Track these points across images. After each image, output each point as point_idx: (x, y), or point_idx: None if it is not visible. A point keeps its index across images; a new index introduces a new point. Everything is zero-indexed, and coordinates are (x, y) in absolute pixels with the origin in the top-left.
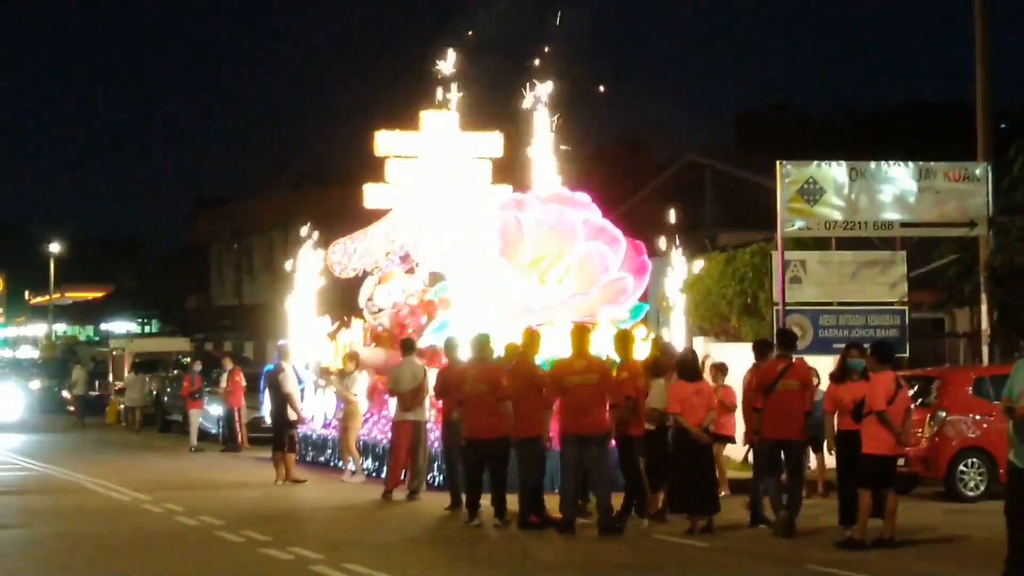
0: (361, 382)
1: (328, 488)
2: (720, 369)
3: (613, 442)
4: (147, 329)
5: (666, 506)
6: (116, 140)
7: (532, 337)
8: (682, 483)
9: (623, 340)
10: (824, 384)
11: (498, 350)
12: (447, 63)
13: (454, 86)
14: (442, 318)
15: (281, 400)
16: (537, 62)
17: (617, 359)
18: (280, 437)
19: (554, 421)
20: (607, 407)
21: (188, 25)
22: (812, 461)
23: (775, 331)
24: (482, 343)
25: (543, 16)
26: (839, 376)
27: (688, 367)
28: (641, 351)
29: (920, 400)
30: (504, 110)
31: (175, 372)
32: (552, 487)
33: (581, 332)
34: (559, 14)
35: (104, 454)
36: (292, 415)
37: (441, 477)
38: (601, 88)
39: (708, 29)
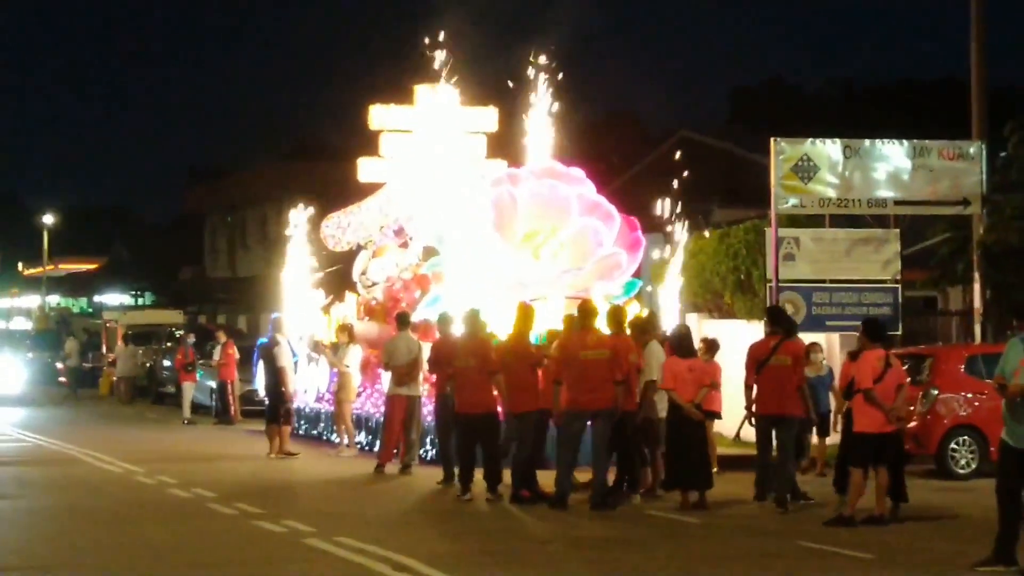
0: (354, 355)
1: (321, 462)
2: (709, 345)
3: None
4: (140, 301)
5: (656, 482)
6: (110, 110)
7: (526, 312)
8: (674, 459)
9: (615, 316)
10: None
11: (492, 324)
12: (441, 36)
13: (445, 57)
14: (436, 292)
15: (276, 373)
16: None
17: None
18: (275, 410)
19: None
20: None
21: None
22: (813, 437)
23: (766, 307)
24: (473, 317)
25: None
26: (857, 354)
27: (682, 343)
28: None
29: (913, 378)
30: (499, 83)
31: (168, 344)
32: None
33: (590, 308)
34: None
35: (97, 426)
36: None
37: (434, 451)
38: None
39: (702, 3)
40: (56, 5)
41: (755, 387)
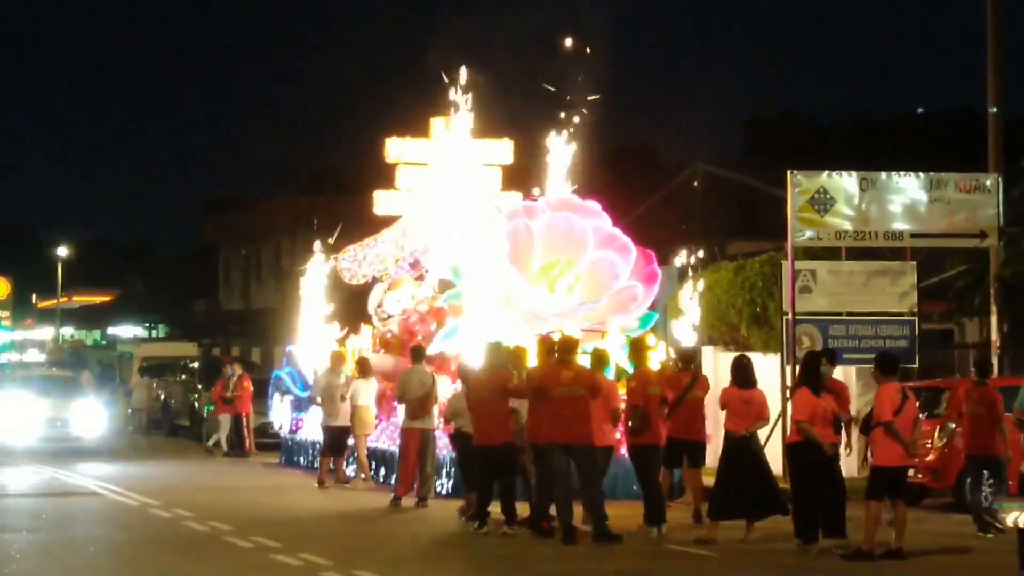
0: (369, 389)
1: (337, 495)
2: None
3: (625, 452)
4: (154, 333)
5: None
6: (124, 143)
7: (548, 345)
8: (731, 489)
9: (637, 348)
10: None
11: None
12: (458, 73)
13: (465, 87)
14: (452, 325)
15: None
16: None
17: (629, 368)
18: (334, 442)
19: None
20: (593, 418)
21: (199, 28)
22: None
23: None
24: (494, 349)
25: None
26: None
27: (741, 373)
28: (654, 360)
29: (929, 411)
30: (514, 116)
31: (183, 377)
32: (613, 495)
33: (570, 342)
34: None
35: (111, 457)
36: (345, 421)
37: (450, 484)
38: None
39: (717, 35)
40: (71, 36)
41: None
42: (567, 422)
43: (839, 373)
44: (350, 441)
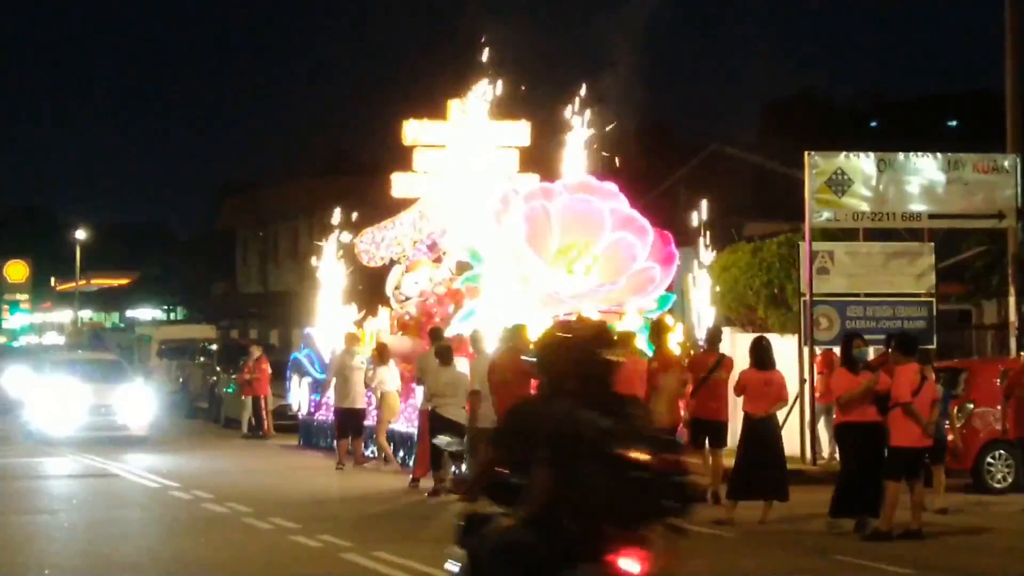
0: (392, 374)
1: (356, 476)
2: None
3: None
4: (172, 316)
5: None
6: (143, 125)
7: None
8: (750, 470)
9: (658, 330)
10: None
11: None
12: (480, 51)
13: (488, 73)
14: (469, 306)
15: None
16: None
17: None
18: (345, 424)
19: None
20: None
21: (216, 9)
22: None
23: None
24: (514, 332)
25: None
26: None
27: (760, 354)
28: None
29: (948, 391)
30: (532, 98)
31: (202, 359)
32: None
33: (604, 329)
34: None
35: (130, 440)
36: (359, 402)
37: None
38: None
39: (732, 14)
40: (90, 23)
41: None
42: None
43: None
44: (368, 422)
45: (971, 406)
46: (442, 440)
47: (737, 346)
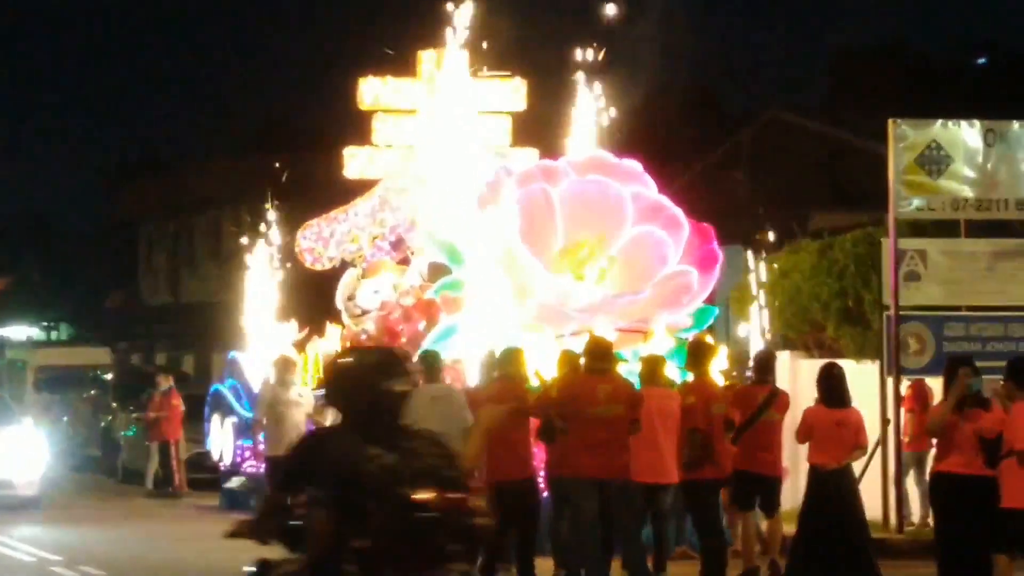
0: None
1: None
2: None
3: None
4: (54, 335)
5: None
6: (18, 95)
7: (571, 361)
8: (818, 540)
9: (697, 353)
10: None
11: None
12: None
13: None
14: (446, 323)
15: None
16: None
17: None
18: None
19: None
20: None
21: None
22: None
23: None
24: (506, 358)
25: None
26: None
27: (831, 386)
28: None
29: None
30: (531, 52)
31: (93, 392)
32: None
33: (603, 346)
34: None
35: (15, 502)
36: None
37: None
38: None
39: None
40: None
41: None
42: (604, 451)
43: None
44: None
45: None
46: None
47: (800, 375)
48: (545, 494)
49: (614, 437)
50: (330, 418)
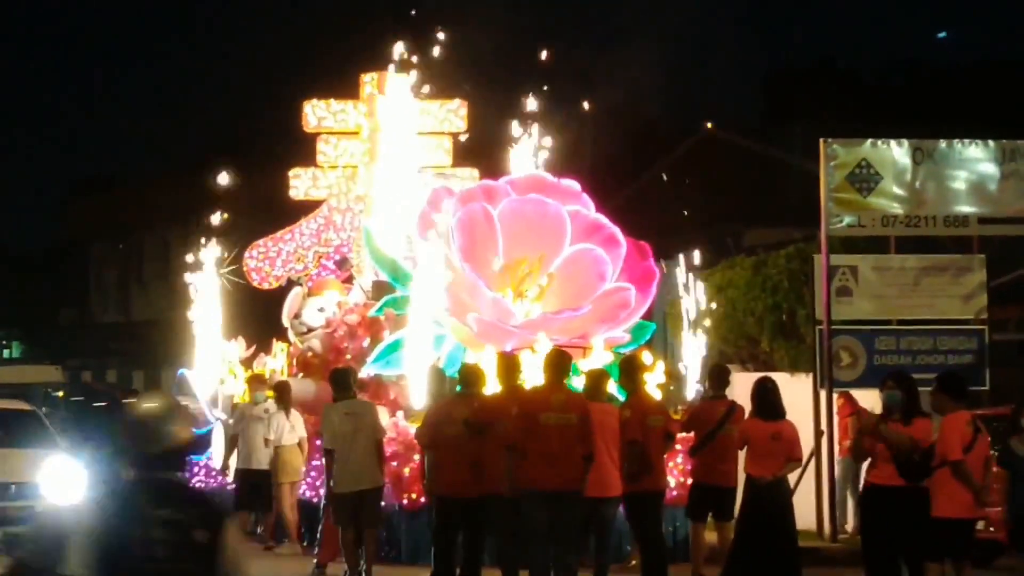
0: (294, 423)
1: (257, 562)
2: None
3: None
4: (6, 354)
5: None
6: None
7: (509, 364)
8: (755, 550)
9: (630, 369)
10: None
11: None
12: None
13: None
14: (390, 339)
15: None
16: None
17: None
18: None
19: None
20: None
21: None
22: None
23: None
24: (471, 373)
25: None
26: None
27: (765, 399)
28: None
29: (1002, 445)
30: (471, 75)
31: (44, 410)
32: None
33: (563, 357)
34: None
35: None
36: (260, 463)
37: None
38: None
39: None
40: None
41: None
42: (557, 461)
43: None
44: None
45: None
46: None
47: (735, 389)
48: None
49: (568, 447)
50: (277, 427)
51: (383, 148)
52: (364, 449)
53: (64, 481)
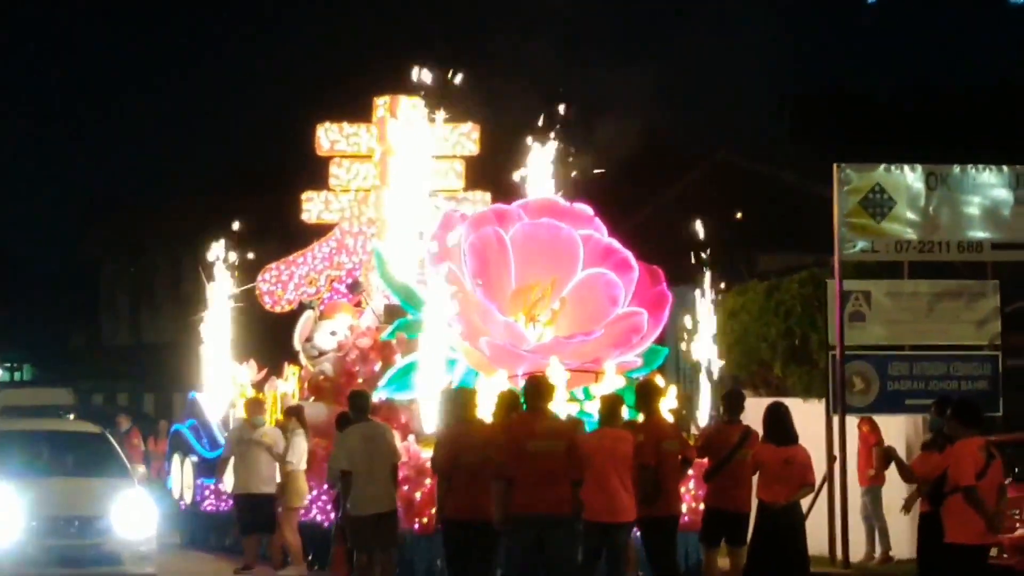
0: (299, 446)
1: None
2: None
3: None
4: (17, 376)
5: None
6: None
7: (509, 401)
8: (767, 570)
9: (646, 393)
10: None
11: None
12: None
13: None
14: (402, 363)
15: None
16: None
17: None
18: (250, 516)
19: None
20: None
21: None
22: None
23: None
24: (457, 399)
25: None
26: (937, 443)
27: (777, 425)
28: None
29: (1017, 471)
30: (484, 102)
31: None
32: None
33: (542, 384)
34: None
35: None
36: (267, 487)
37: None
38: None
39: None
40: None
41: None
42: (544, 488)
43: (898, 425)
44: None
45: None
46: None
47: (747, 414)
48: None
49: (555, 474)
50: (296, 459)
51: (394, 171)
52: (382, 472)
53: (136, 515)
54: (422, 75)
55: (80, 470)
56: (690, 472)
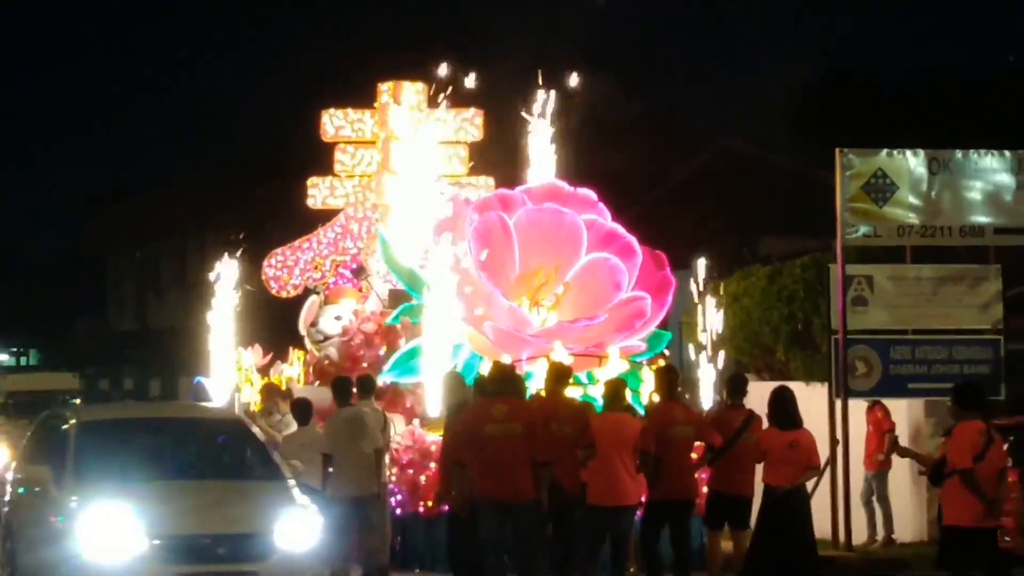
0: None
1: None
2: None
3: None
4: (24, 361)
5: None
6: None
7: (559, 372)
8: (772, 559)
9: (667, 379)
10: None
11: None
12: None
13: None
14: (407, 347)
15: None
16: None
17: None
18: None
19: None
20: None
21: None
22: None
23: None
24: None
25: None
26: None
27: (783, 409)
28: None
29: (1017, 457)
30: (487, 86)
31: None
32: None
33: (504, 371)
34: None
35: None
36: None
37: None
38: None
39: None
40: None
41: None
42: (503, 473)
43: (902, 408)
44: None
45: None
46: None
47: (751, 398)
48: None
49: (512, 458)
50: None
51: (396, 157)
52: (364, 456)
53: (300, 527)
54: (438, 71)
55: (226, 471)
56: (693, 456)
